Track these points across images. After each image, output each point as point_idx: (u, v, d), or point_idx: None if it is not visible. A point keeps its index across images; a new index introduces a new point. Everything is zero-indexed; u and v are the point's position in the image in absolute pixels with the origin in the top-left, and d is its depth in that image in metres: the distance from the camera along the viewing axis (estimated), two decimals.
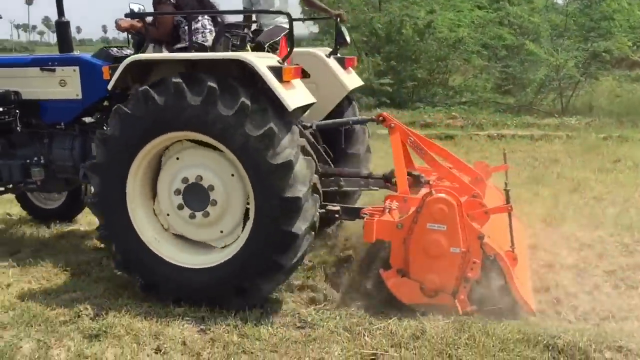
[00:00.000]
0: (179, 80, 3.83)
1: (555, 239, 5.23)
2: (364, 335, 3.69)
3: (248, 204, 4.04)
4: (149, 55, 4.45)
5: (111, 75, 4.16)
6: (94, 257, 5.08)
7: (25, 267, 4.87)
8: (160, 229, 4.27)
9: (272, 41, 4.95)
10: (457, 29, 13.85)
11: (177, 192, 4.10)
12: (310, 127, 4.74)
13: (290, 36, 4.30)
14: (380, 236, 4.01)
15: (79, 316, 3.92)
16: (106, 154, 4.07)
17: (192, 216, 4.10)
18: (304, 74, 4.46)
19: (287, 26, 4.67)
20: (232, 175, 4.01)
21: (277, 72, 3.85)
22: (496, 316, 3.77)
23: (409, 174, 4.57)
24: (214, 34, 4.80)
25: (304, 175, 3.86)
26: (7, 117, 5.01)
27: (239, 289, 3.95)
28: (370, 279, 4.33)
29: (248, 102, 3.76)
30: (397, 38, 13.72)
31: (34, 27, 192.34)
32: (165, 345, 3.57)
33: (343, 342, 3.61)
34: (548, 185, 7.21)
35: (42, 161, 5.09)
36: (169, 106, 3.87)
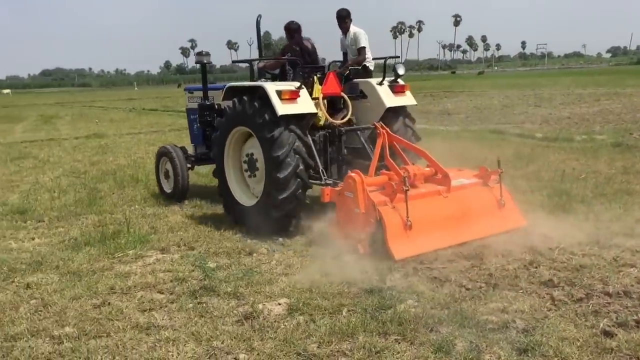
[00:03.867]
0: (245, 98, 6.68)
1: None
2: None
3: None
4: (233, 83, 7.56)
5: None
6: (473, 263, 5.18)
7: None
8: (243, 184, 7.24)
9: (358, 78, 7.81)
10: None
11: (246, 170, 7.14)
12: (343, 131, 7.24)
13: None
14: (330, 199, 6.12)
15: (507, 327, 4.04)
16: (218, 132, 7.26)
17: (254, 175, 6.97)
18: (362, 94, 7.53)
19: (369, 67, 8.03)
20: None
21: (279, 93, 6.38)
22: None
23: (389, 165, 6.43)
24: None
25: (288, 165, 6.26)
26: (211, 118, 8.40)
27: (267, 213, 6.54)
28: None
29: (268, 117, 6.36)
30: None
31: (459, 46, 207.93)
32: None
33: None
34: None
35: None
36: (240, 111, 6.74)
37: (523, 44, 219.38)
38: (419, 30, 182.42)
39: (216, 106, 8.42)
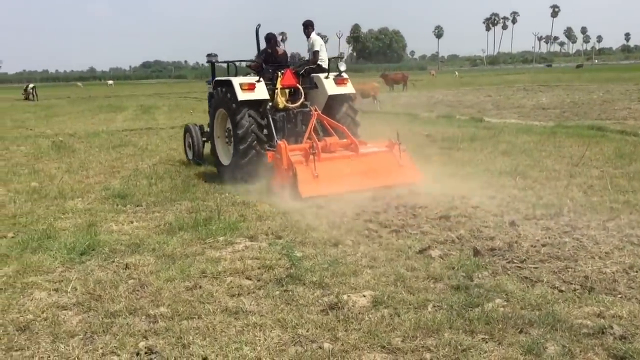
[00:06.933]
0: (223, 88, 9.51)
1: None
2: None
3: None
4: (219, 78, 10.17)
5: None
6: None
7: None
8: (226, 149, 10.04)
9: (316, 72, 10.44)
10: None
11: (226, 138, 10.03)
12: (295, 112, 9.94)
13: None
14: (271, 161, 8.78)
15: (602, 332, 3.85)
16: (210, 110, 10.52)
17: (230, 144, 9.69)
18: (316, 86, 10.08)
19: (323, 65, 10.42)
20: None
21: (240, 85, 9.12)
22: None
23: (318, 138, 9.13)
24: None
25: (245, 138, 9.03)
26: None
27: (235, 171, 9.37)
28: None
29: (233, 102, 9.19)
30: None
31: (556, 38, 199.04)
32: None
33: None
34: None
35: None
36: (220, 96, 9.59)
37: (627, 35, 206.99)
38: (514, 21, 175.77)
39: None
